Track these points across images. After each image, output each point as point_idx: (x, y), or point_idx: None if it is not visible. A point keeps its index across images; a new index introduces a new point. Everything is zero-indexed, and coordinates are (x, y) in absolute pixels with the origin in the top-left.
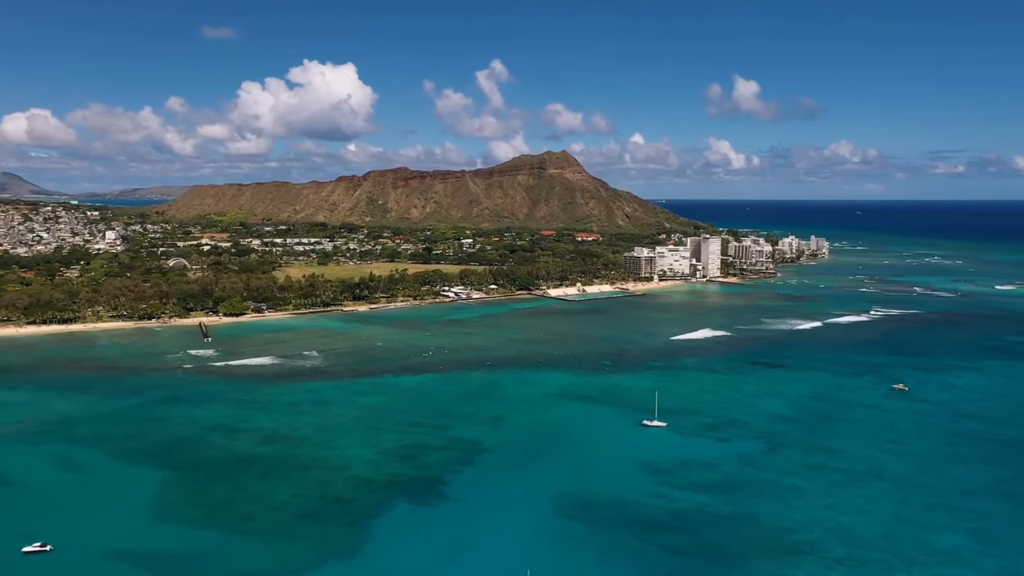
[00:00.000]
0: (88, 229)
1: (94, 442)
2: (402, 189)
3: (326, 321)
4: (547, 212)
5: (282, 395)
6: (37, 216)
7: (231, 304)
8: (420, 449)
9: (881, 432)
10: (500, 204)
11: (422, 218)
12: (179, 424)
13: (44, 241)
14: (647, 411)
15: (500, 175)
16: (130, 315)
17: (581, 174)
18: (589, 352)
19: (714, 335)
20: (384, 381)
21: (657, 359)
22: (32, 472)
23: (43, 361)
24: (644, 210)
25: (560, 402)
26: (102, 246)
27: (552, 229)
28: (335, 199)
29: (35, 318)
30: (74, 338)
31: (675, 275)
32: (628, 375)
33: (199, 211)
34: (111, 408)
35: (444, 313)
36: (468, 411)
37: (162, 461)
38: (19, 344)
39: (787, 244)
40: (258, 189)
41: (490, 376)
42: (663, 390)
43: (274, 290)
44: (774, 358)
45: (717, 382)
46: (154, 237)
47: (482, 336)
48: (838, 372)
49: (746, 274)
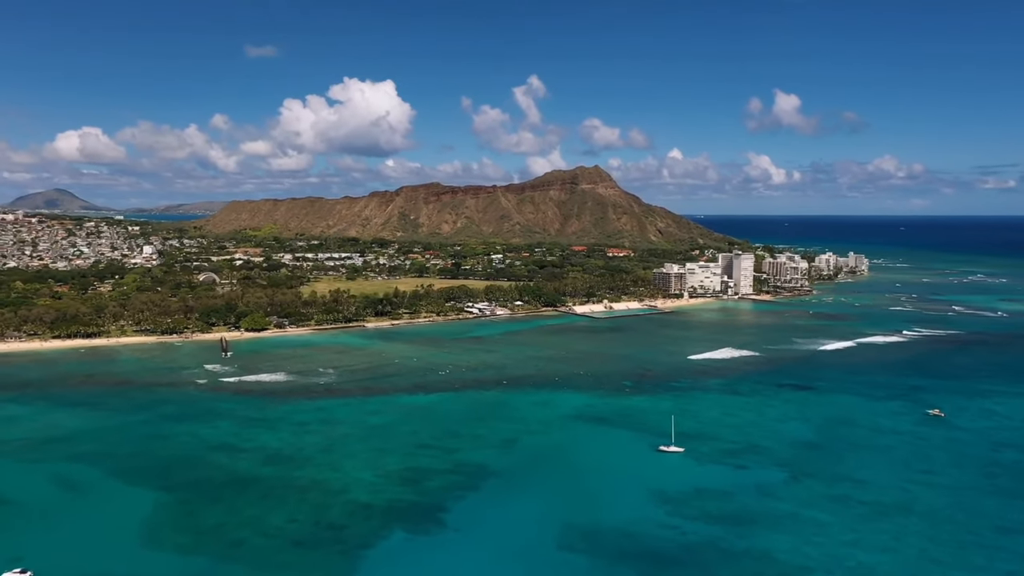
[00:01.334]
0: (127, 244)
1: (95, 460)
2: (434, 204)
3: (347, 337)
4: (578, 227)
5: (291, 413)
6: (80, 231)
7: (253, 319)
8: (424, 472)
9: (913, 461)
10: (531, 219)
11: (453, 233)
12: (183, 442)
13: (84, 256)
14: (664, 435)
15: (532, 190)
16: (153, 330)
17: (613, 189)
18: (610, 372)
19: (741, 355)
20: (396, 400)
21: (680, 380)
22: (28, 491)
23: (61, 376)
24: (677, 225)
25: (574, 424)
26: (138, 260)
27: (583, 245)
28: (367, 214)
29: (60, 332)
30: (96, 353)
31: (706, 292)
32: (648, 396)
33: (235, 226)
34: (118, 424)
35: (466, 330)
36: (478, 432)
37: (160, 481)
38: (41, 358)
39: (824, 261)
40: (293, 204)
41: (505, 396)
42: (683, 413)
43: (298, 305)
44: (802, 380)
45: (740, 405)
46: (189, 252)
47: (502, 354)
48: (870, 396)
49: (780, 291)
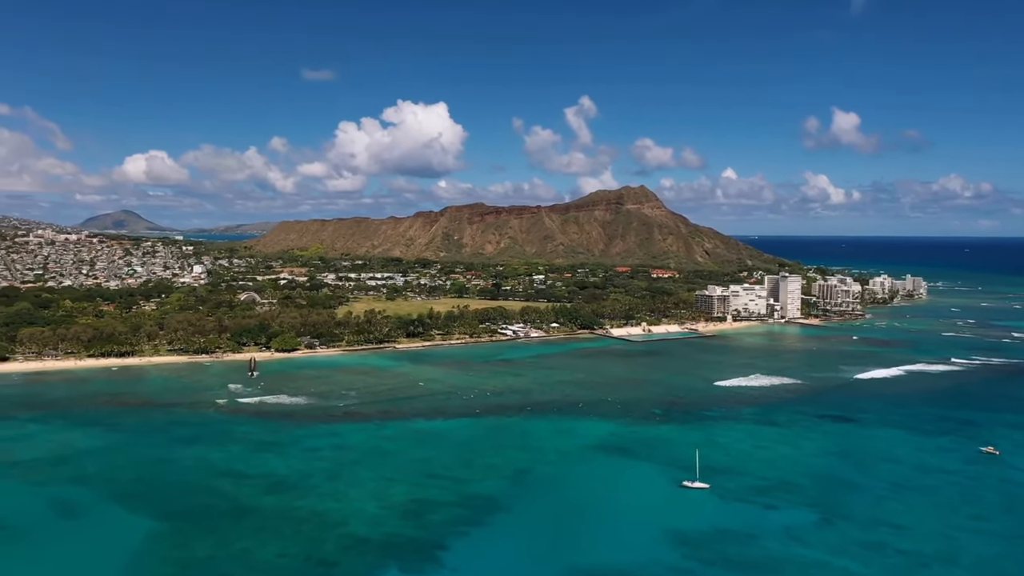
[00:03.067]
0: (180, 263)
1: (98, 484)
2: (477, 224)
3: (376, 358)
4: (623, 248)
5: (304, 438)
6: (137, 251)
7: (283, 339)
8: (429, 505)
9: (961, 505)
10: (575, 240)
11: (496, 253)
12: (190, 467)
13: (137, 275)
14: (690, 469)
15: (576, 210)
16: (186, 349)
17: (660, 209)
18: (640, 398)
19: (781, 383)
20: (414, 425)
21: (713, 408)
22: (24, 515)
23: (87, 395)
24: (726, 246)
25: (595, 455)
26: (187, 279)
27: (627, 265)
28: (412, 234)
29: (95, 351)
30: (126, 372)
31: (750, 316)
32: (677, 426)
33: (284, 246)
34: (129, 447)
35: (498, 352)
36: (493, 462)
37: (158, 508)
38: (73, 377)
39: (878, 284)
40: (340, 225)
41: (526, 423)
42: (713, 444)
43: (330, 326)
44: (845, 411)
45: (775, 437)
46: (237, 271)
47: (530, 378)
48: (917, 429)
49: (830, 315)
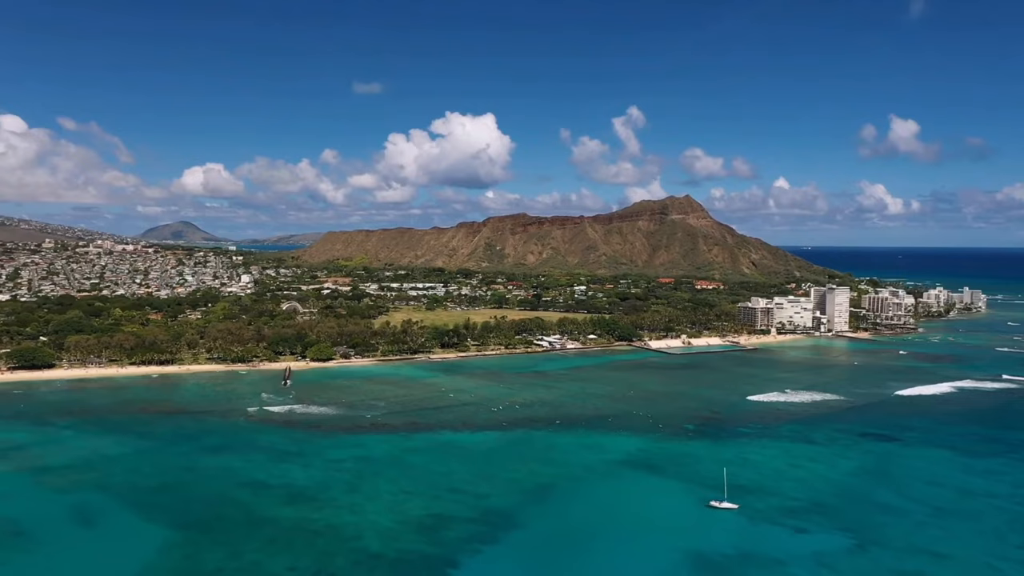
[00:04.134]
0: (229, 273)
1: (121, 492)
2: (520, 235)
3: (409, 369)
4: (667, 259)
5: (329, 449)
6: (189, 260)
7: (318, 349)
8: (445, 520)
9: (1008, 533)
10: (618, 250)
11: (538, 264)
12: (213, 476)
13: (187, 284)
14: (719, 488)
15: (620, 221)
16: (224, 358)
17: (705, 219)
18: (673, 413)
19: (822, 398)
20: (440, 437)
21: (748, 424)
22: (44, 522)
23: (123, 402)
24: (773, 257)
25: (621, 471)
26: (234, 289)
27: (671, 277)
28: (455, 245)
29: (137, 359)
30: (165, 380)
31: (795, 329)
32: (710, 442)
33: (330, 256)
34: (157, 455)
35: (532, 364)
36: (515, 476)
37: (176, 518)
38: (113, 384)
39: (933, 296)
40: (384, 235)
41: (554, 436)
42: (745, 462)
43: (366, 336)
44: (888, 429)
45: (811, 455)
46: (283, 281)
47: (562, 390)
48: (967, 450)
49: (880, 329)
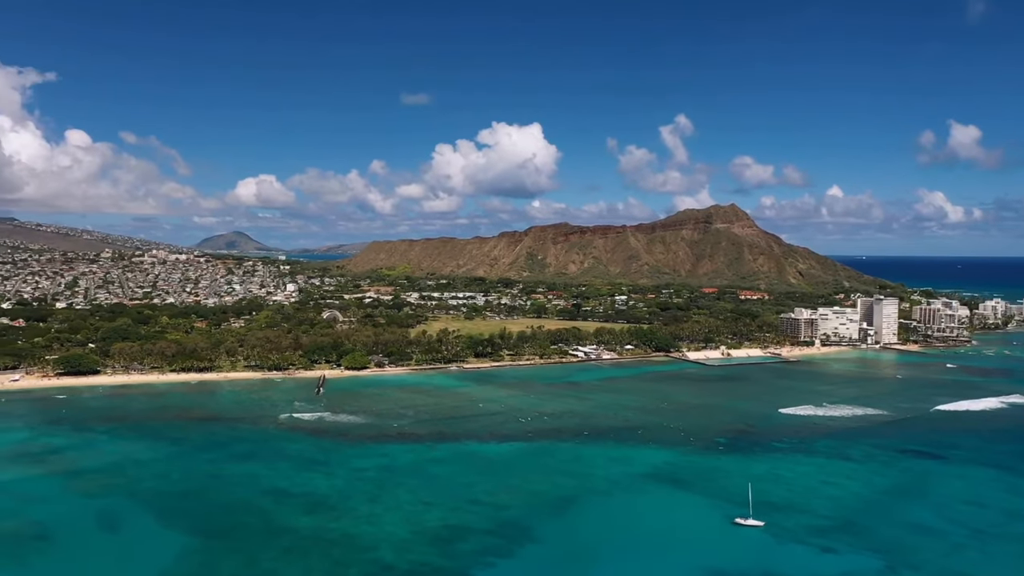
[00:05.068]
0: (275, 282)
1: (147, 498)
2: (562, 244)
3: (442, 378)
4: (711, 268)
5: (353, 458)
6: (239, 269)
7: (353, 358)
8: (462, 532)
9: None
10: (661, 260)
11: (579, 273)
12: (237, 484)
13: (234, 293)
14: (746, 504)
15: (663, 230)
16: (261, 365)
17: (751, 228)
18: (706, 426)
19: (864, 412)
20: (465, 447)
21: (783, 439)
22: (70, 526)
23: (159, 408)
24: (822, 267)
25: (646, 485)
26: (279, 297)
27: (714, 286)
28: (496, 254)
29: (177, 366)
30: (202, 387)
31: (841, 340)
32: (741, 457)
33: (374, 265)
34: (186, 461)
35: (566, 374)
36: (538, 488)
37: (197, 524)
38: (152, 391)
39: (990, 308)
40: (426, 245)
41: (581, 448)
42: (777, 478)
43: (401, 345)
44: (931, 446)
45: (847, 472)
46: (327, 290)
47: (594, 401)
48: (1013, 469)
49: (931, 341)
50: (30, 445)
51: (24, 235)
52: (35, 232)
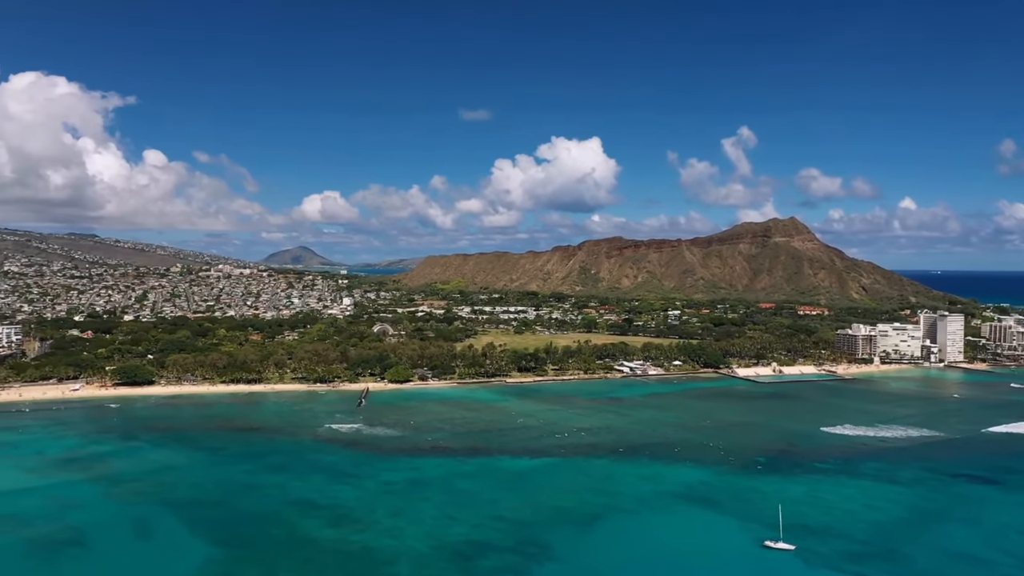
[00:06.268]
0: (332, 296)
1: (181, 506)
2: (615, 259)
3: (483, 392)
4: (768, 283)
5: (384, 471)
6: (299, 284)
7: (397, 371)
8: (482, 548)
9: None
10: (717, 274)
11: (632, 288)
12: (268, 494)
13: (293, 306)
14: (778, 527)
15: (719, 243)
16: (307, 378)
17: (812, 242)
18: (746, 445)
19: (918, 434)
20: (497, 462)
21: (827, 459)
22: (105, 532)
23: (205, 419)
24: (887, 282)
25: (676, 505)
26: (334, 311)
27: (772, 302)
28: (549, 268)
29: (227, 378)
30: (249, 398)
31: (901, 358)
32: (780, 478)
33: (429, 279)
34: (223, 471)
35: (609, 389)
36: (565, 505)
37: (223, 534)
38: (201, 401)
39: None
40: (480, 259)
41: (613, 465)
42: (816, 500)
43: (446, 358)
44: (988, 471)
45: (892, 496)
46: (381, 303)
47: (634, 418)
48: None
49: (1000, 360)
50: (78, 452)
51: (103, 251)
52: (113, 248)
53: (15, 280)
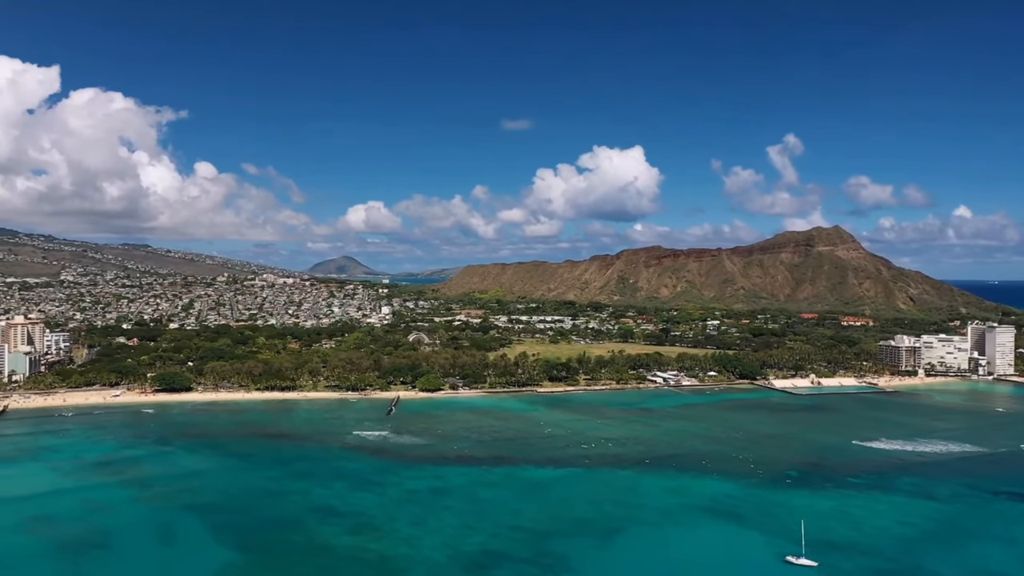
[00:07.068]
0: (372, 305)
1: (205, 511)
2: (654, 268)
3: (513, 401)
4: (811, 293)
5: (407, 480)
6: (340, 293)
7: (427, 380)
8: (499, 559)
9: None
10: (758, 284)
11: (671, 297)
12: (291, 501)
13: (332, 315)
14: (805, 542)
15: (760, 253)
16: (339, 386)
17: (856, 251)
18: (777, 458)
19: (960, 449)
20: (521, 472)
21: (860, 474)
22: (125, 537)
23: (237, 425)
24: (936, 292)
25: (699, 518)
26: (373, 320)
27: (814, 312)
28: (587, 278)
29: (262, 385)
30: (281, 405)
31: (947, 370)
32: (810, 492)
33: (467, 289)
34: (249, 477)
35: (640, 400)
36: (585, 516)
37: (243, 540)
38: (235, 408)
39: None
40: (518, 268)
41: (638, 477)
42: (846, 516)
43: (477, 367)
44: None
45: (927, 512)
46: (419, 312)
47: (662, 428)
48: None
49: None
50: (113, 456)
51: (155, 260)
52: (165, 258)
53: (70, 289)
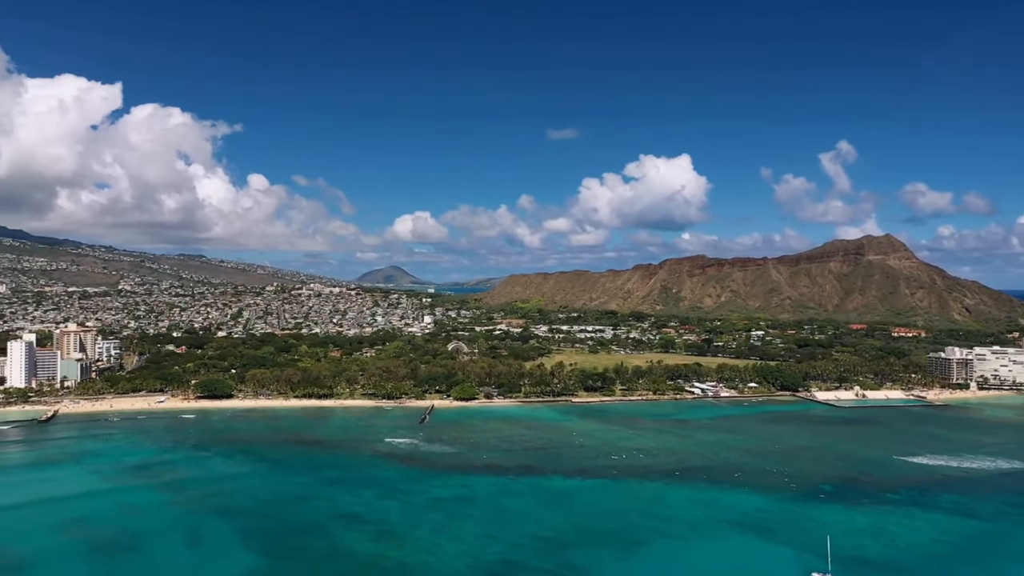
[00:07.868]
0: (415, 314)
1: (234, 515)
2: (698, 277)
3: (546, 411)
4: (861, 303)
5: (434, 488)
6: (384, 302)
7: (462, 388)
8: (517, 568)
9: None
10: (805, 293)
11: (715, 307)
12: (318, 507)
13: (376, 324)
14: (835, 559)
15: (808, 262)
16: (375, 394)
17: (909, 260)
18: (813, 471)
19: (1008, 466)
20: (548, 482)
21: (900, 490)
22: (155, 540)
23: (273, 432)
24: (995, 303)
25: (726, 532)
26: (415, 329)
27: (863, 323)
28: (630, 287)
29: (300, 392)
30: (317, 412)
31: (1002, 383)
32: (843, 507)
33: (509, 298)
34: (280, 483)
35: (676, 411)
36: (610, 528)
37: (269, 545)
38: (272, 415)
39: None
40: (560, 278)
41: (667, 489)
42: (879, 532)
43: (514, 377)
44: None
45: (966, 531)
46: (461, 322)
47: (695, 440)
48: None
49: None
50: (151, 459)
51: (209, 270)
52: (218, 268)
53: (126, 298)
